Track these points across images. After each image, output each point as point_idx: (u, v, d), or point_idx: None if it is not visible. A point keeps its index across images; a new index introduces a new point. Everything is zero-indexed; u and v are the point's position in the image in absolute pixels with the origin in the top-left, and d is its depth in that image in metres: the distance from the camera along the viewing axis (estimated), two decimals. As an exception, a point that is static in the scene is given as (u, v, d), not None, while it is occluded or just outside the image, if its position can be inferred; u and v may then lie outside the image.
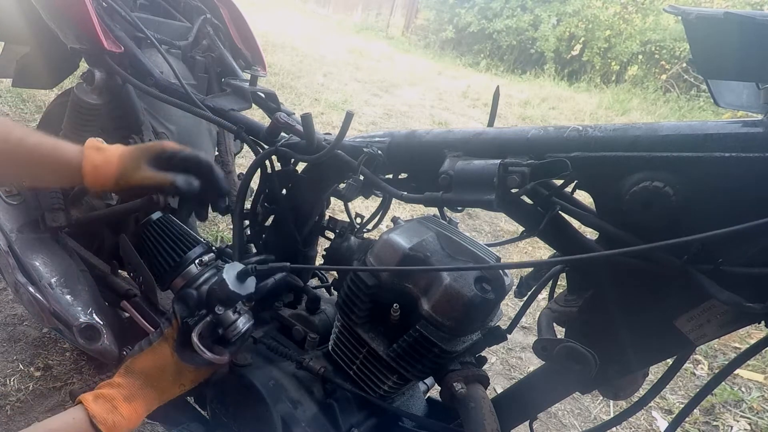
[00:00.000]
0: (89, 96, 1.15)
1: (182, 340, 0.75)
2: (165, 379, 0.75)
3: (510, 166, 0.65)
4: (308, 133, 0.88)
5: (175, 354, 0.75)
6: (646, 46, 8.55)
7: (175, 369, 0.75)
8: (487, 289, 0.70)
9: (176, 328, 0.76)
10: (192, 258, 0.80)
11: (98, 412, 0.68)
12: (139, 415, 0.73)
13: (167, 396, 0.77)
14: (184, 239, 0.81)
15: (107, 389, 0.72)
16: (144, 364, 0.75)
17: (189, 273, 0.80)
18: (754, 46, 0.51)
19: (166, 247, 0.81)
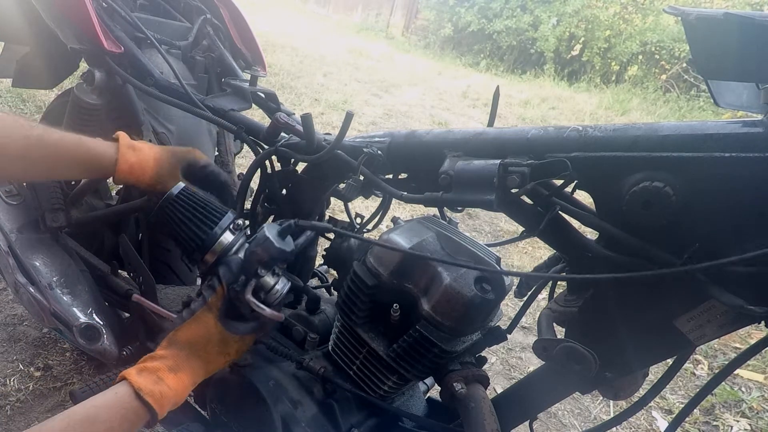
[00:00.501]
0: (89, 96, 1.15)
1: (226, 309, 0.73)
2: (210, 349, 0.72)
3: (510, 166, 0.65)
4: (308, 133, 0.88)
5: (219, 323, 0.72)
6: (646, 46, 8.55)
7: (220, 338, 0.73)
8: (487, 289, 0.70)
9: (221, 295, 0.73)
10: (223, 228, 0.75)
11: (144, 384, 0.65)
12: (185, 386, 0.70)
13: (213, 367, 0.74)
14: (211, 210, 0.77)
15: (150, 362, 0.69)
16: (188, 335, 0.72)
17: (222, 242, 0.75)
18: (754, 47, 0.51)
19: (195, 221, 0.75)
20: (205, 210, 0.76)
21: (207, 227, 0.75)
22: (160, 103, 1.21)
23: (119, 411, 0.63)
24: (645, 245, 0.61)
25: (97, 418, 0.61)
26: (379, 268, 0.74)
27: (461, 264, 0.70)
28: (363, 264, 0.77)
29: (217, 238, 0.74)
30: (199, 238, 0.74)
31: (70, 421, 0.59)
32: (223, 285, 0.73)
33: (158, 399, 0.65)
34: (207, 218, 0.75)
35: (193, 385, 0.72)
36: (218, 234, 0.75)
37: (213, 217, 0.76)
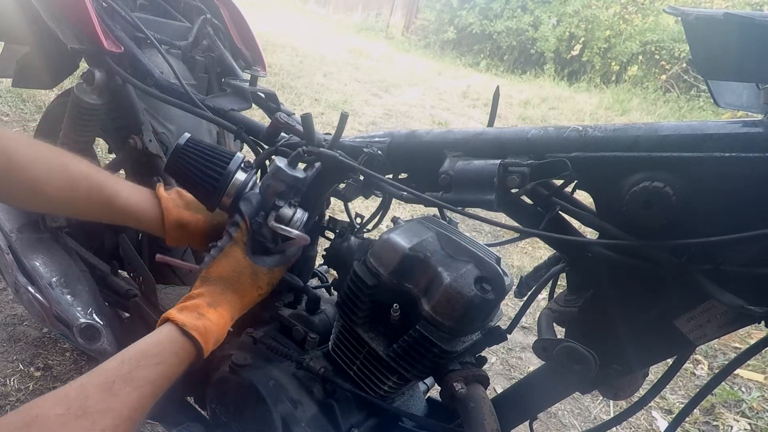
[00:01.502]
0: (89, 96, 1.15)
1: (252, 242, 0.75)
2: (243, 281, 0.74)
3: (510, 166, 0.65)
4: (308, 133, 0.88)
5: (247, 256, 0.74)
6: (646, 46, 8.55)
7: (251, 271, 0.75)
8: (487, 289, 0.70)
9: (245, 229, 0.75)
10: (235, 168, 0.77)
11: (187, 320, 0.67)
12: (225, 321, 0.72)
13: (248, 300, 0.76)
14: (220, 154, 0.79)
15: (189, 301, 0.71)
16: (219, 270, 0.74)
17: (236, 182, 0.77)
18: (754, 47, 0.51)
19: (207, 166, 0.77)
20: (214, 155, 0.78)
21: (219, 169, 0.76)
22: (160, 103, 1.21)
23: (168, 346, 0.65)
24: (645, 245, 0.61)
25: (147, 352, 0.64)
26: (379, 268, 0.74)
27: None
28: (363, 264, 0.77)
29: (231, 178, 0.76)
30: (214, 180, 0.76)
31: (123, 358, 0.62)
32: (246, 219, 0.75)
33: (203, 333, 0.67)
34: (217, 162, 0.77)
35: (231, 320, 0.73)
36: (231, 174, 0.76)
37: (223, 160, 0.77)
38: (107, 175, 0.79)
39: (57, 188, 0.74)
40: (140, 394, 0.60)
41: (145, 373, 0.61)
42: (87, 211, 0.79)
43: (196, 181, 0.77)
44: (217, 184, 0.76)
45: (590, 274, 0.69)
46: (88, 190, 0.76)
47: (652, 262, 0.60)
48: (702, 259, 0.57)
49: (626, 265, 0.63)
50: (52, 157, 0.75)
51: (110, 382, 0.58)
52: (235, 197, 0.77)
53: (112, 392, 0.58)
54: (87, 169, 0.77)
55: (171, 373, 0.65)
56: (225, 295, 0.73)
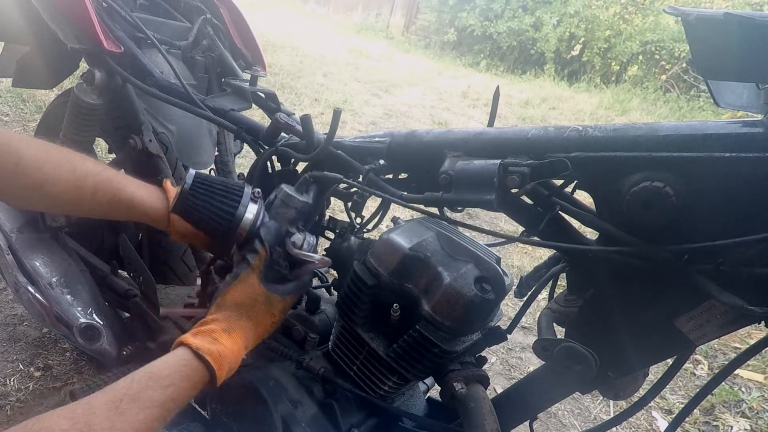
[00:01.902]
0: (89, 96, 1.15)
1: (266, 270, 0.75)
2: (258, 308, 0.74)
3: (510, 166, 0.65)
4: (308, 133, 0.88)
5: (262, 284, 0.74)
6: (646, 46, 8.55)
7: (265, 299, 0.74)
8: (487, 289, 0.70)
9: (263, 257, 0.75)
10: (246, 203, 0.77)
11: (201, 344, 0.66)
12: (239, 348, 0.71)
13: (262, 328, 0.75)
14: (229, 190, 0.78)
15: (204, 326, 0.70)
16: (235, 296, 0.73)
17: (249, 217, 0.77)
18: (754, 47, 0.51)
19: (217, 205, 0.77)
20: (224, 191, 0.78)
21: (231, 207, 0.76)
22: (160, 103, 1.21)
23: (180, 369, 0.64)
24: (645, 245, 0.61)
25: (158, 374, 0.62)
26: (379, 268, 0.74)
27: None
28: (363, 264, 0.77)
29: (244, 214, 0.76)
30: (227, 219, 0.76)
31: (133, 378, 0.61)
32: (266, 246, 0.75)
33: (217, 358, 0.66)
34: (228, 198, 0.77)
35: (246, 348, 0.73)
36: (244, 210, 0.77)
37: (233, 195, 0.77)
38: (114, 172, 0.79)
39: (64, 188, 0.74)
40: (147, 416, 0.58)
41: (154, 395, 0.60)
42: (93, 208, 0.78)
43: (210, 221, 0.77)
44: (231, 223, 0.76)
45: (590, 274, 0.69)
46: (95, 188, 0.76)
47: (653, 263, 0.60)
48: (702, 259, 0.57)
49: (626, 265, 0.63)
50: (58, 157, 0.75)
51: (117, 400, 0.58)
52: (250, 229, 0.77)
53: (119, 411, 0.56)
54: (93, 167, 0.77)
55: (181, 396, 0.63)
56: (240, 321, 0.72)
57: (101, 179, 0.77)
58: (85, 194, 0.75)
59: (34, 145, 0.73)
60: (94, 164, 0.78)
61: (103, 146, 2.02)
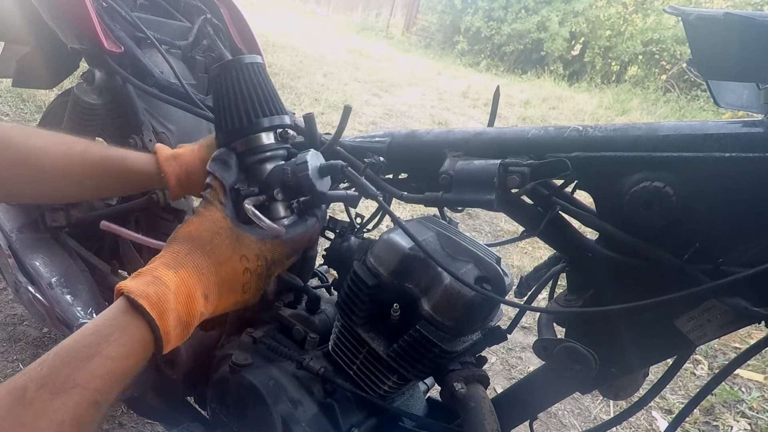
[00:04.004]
0: (89, 96, 1.15)
1: (234, 206, 0.61)
2: (219, 243, 0.57)
3: (510, 166, 0.65)
4: (311, 132, 0.88)
5: (227, 217, 0.60)
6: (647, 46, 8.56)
7: (231, 233, 0.59)
8: (487, 289, 0.70)
9: (218, 188, 0.61)
10: (271, 125, 0.63)
11: (135, 286, 0.50)
12: (189, 290, 0.53)
13: (227, 269, 0.58)
14: (272, 101, 0.65)
15: (145, 267, 0.55)
16: (189, 228, 0.58)
17: (259, 139, 0.63)
18: (754, 47, 0.51)
19: (249, 100, 0.63)
20: (264, 97, 0.64)
21: (254, 114, 0.63)
22: (160, 103, 1.21)
23: (109, 329, 0.49)
24: (645, 245, 0.61)
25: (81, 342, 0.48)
26: (380, 267, 0.74)
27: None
28: (363, 264, 0.77)
29: (258, 130, 0.63)
30: (240, 119, 0.63)
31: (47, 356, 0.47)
32: (219, 179, 0.61)
33: (155, 303, 0.50)
34: (262, 105, 0.64)
35: (204, 295, 0.55)
36: (261, 126, 0.63)
37: (270, 107, 0.64)
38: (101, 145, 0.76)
39: (53, 157, 0.68)
40: (67, 401, 0.44)
41: (73, 372, 0.45)
42: (84, 175, 0.70)
43: (225, 107, 0.64)
44: (239, 127, 0.63)
45: (590, 274, 0.69)
46: (84, 151, 0.70)
47: (652, 262, 0.60)
48: (702, 259, 0.57)
49: (626, 265, 0.63)
50: (47, 133, 0.71)
51: (22, 388, 0.44)
52: (246, 150, 0.63)
53: (25, 401, 0.43)
54: (82, 139, 0.73)
55: (117, 367, 0.47)
56: (192, 256, 0.56)
57: (90, 144, 0.72)
58: (74, 160, 0.69)
59: (20, 126, 0.71)
60: (86, 140, 0.74)
61: (103, 146, 2.02)
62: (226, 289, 0.59)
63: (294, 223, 0.64)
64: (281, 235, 0.61)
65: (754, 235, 0.55)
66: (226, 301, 0.59)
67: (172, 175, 0.72)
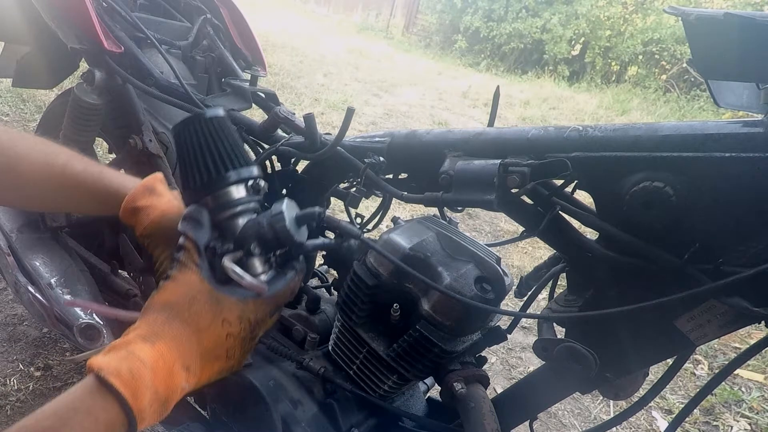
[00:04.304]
0: (89, 96, 1.15)
1: (210, 266, 0.57)
2: (197, 309, 0.53)
3: (510, 166, 0.65)
4: (311, 132, 0.88)
5: (205, 280, 0.55)
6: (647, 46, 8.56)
7: (210, 298, 0.54)
8: (487, 289, 0.70)
9: (192, 249, 0.57)
10: (240, 178, 0.60)
11: (106, 362, 0.46)
12: (167, 363, 0.49)
13: (209, 336, 0.54)
14: (237, 153, 0.61)
15: (119, 339, 0.51)
16: (165, 295, 0.54)
17: (229, 194, 0.60)
18: (754, 47, 0.51)
19: (214, 154, 0.60)
20: (231, 150, 0.61)
21: (223, 167, 0.60)
22: (160, 103, 1.21)
23: (78, 407, 0.45)
24: (645, 245, 0.61)
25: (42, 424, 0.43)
26: (379, 268, 0.74)
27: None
28: (363, 264, 0.77)
29: (227, 184, 0.60)
30: (208, 174, 0.59)
31: None
32: (191, 239, 0.57)
33: (127, 380, 0.45)
34: (228, 158, 0.60)
35: (185, 367, 0.52)
36: (230, 180, 0.60)
37: (235, 161, 0.61)
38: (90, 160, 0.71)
39: (35, 165, 0.65)
40: None
41: None
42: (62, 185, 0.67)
43: (191, 164, 0.61)
44: (207, 182, 0.60)
45: (590, 274, 0.69)
46: (65, 163, 0.66)
47: (653, 262, 0.60)
48: (702, 259, 0.57)
49: (626, 265, 0.63)
50: (34, 140, 0.68)
51: None
52: (216, 207, 0.60)
53: None
54: (68, 151, 0.69)
55: None
56: (170, 325, 0.52)
57: (74, 157, 0.68)
58: (54, 171, 0.66)
59: (11, 131, 0.67)
60: (71, 151, 0.69)
61: (103, 146, 2.02)
62: (210, 358, 0.55)
63: (274, 277, 0.60)
64: (264, 292, 0.57)
65: (754, 235, 0.55)
66: (209, 371, 0.56)
67: (132, 201, 0.67)
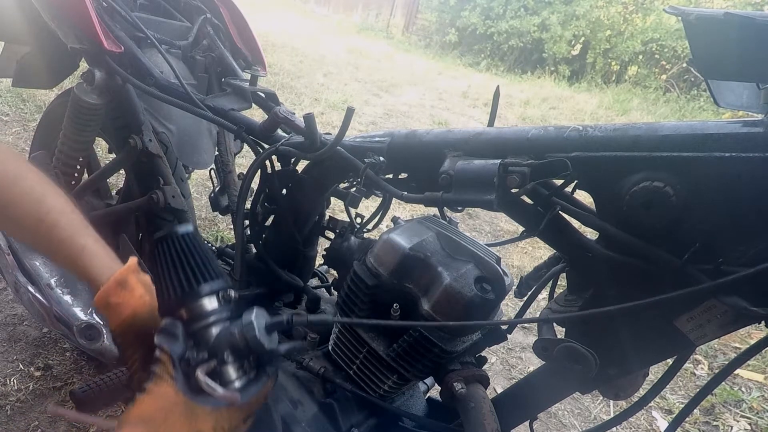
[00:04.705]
0: (89, 96, 1.15)
1: (185, 378, 0.61)
2: (174, 421, 0.57)
3: (510, 166, 0.65)
4: (311, 132, 0.88)
5: (179, 392, 0.59)
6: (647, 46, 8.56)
7: (186, 409, 0.58)
8: (487, 289, 0.70)
9: (167, 361, 0.61)
10: (211, 290, 0.65)
11: None
12: None
13: None
14: (208, 267, 0.66)
15: None
16: (140, 410, 0.57)
17: (201, 305, 0.65)
18: (754, 46, 0.51)
19: (186, 269, 0.65)
20: (202, 264, 0.66)
21: (195, 281, 0.65)
22: (160, 103, 1.21)
23: None
24: (645, 245, 0.61)
25: None
26: (379, 268, 0.74)
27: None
28: (363, 264, 0.77)
29: (199, 297, 0.65)
30: (181, 288, 0.64)
31: None
32: (166, 352, 0.61)
33: None
34: (199, 272, 0.65)
35: None
36: (202, 293, 0.64)
37: (207, 274, 0.66)
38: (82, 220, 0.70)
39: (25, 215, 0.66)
40: None
41: None
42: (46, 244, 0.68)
43: (165, 279, 0.66)
44: (180, 296, 0.64)
45: (590, 274, 0.69)
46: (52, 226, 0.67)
47: (653, 262, 0.60)
48: (702, 259, 0.57)
49: (626, 265, 0.63)
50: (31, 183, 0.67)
51: None
52: (190, 319, 0.64)
53: None
54: (62, 206, 0.69)
55: None
56: None
57: (63, 216, 0.68)
58: (41, 228, 0.67)
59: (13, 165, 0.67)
60: (66, 203, 0.70)
61: (103, 146, 2.02)
62: None
63: (247, 384, 0.63)
64: (237, 401, 0.60)
65: (754, 235, 0.55)
66: None
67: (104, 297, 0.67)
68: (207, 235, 2.37)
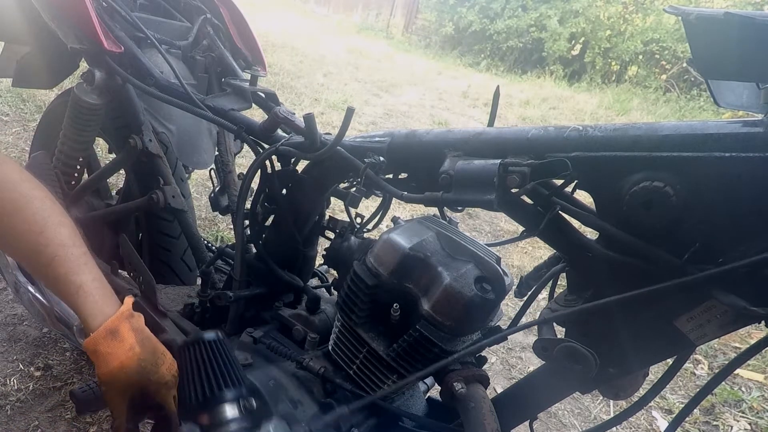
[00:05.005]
0: (89, 96, 1.15)
1: None
2: None
3: (510, 166, 0.65)
4: (311, 132, 0.88)
5: None
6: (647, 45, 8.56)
7: None
8: (487, 289, 0.70)
9: None
10: (232, 398, 0.67)
11: None
12: None
13: None
14: (232, 375, 0.69)
15: None
16: None
17: (221, 413, 0.66)
18: (754, 46, 0.51)
19: (210, 375, 0.67)
20: (226, 371, 0.68)
21: (217, 387, 0.67)
22: (160, 103, 1.21)
23: None
24: (645, 245, 0.61)
25: None
26: (379, 267, 0.74)
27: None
28: (363, 264, 0.77)
29: (221, 403, 0.67)
30: (203, 393, 0.66)
31: None
32: None
33: None
34: (222, 378, 0.67)
35: None
36: (224, 398, 0.67)
37: (229, 381, 0.68)
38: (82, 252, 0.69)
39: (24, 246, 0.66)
40: None
41: None
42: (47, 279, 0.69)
43: (190, 382, 0.68)
44: (202, 401, 0.66)
45: (590, 274, 0.69)
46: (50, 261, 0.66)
47: (652, 262, 0.60)
48: (702, 259, 0.57)
49: (626, 265, 0.63)
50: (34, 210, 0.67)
51: None
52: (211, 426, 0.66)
53: None
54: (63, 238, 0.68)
55: None
56: None
57: (62, 254, 0.67)
58: (40, 262, 0.67)
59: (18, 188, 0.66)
60: (69, 235, 0.69)
61: (103, 146, 2.02)
62: None
63: None
64: None
65: (754, 235, 0.55)
66: None
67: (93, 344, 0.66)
68: (207, 235, 2.37)
